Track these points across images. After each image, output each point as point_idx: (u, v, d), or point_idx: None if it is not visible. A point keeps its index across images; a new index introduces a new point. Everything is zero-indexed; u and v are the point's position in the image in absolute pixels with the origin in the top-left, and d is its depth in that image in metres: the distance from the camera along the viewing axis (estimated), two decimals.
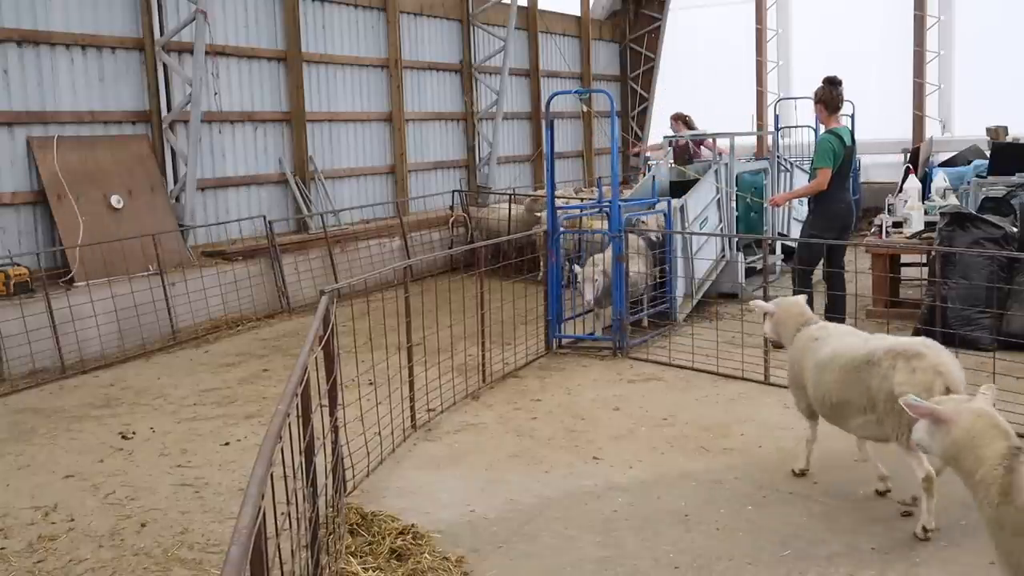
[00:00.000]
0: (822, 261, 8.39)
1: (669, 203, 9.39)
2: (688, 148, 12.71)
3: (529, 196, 13.57)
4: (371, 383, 6.50)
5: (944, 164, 14.88)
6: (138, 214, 10.10)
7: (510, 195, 14.78)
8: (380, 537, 4.53)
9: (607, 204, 8.75)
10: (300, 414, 3.68)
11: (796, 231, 12.57)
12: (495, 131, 16.22)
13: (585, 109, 10.98)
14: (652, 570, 4.26)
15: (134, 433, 6.62)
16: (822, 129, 8.54)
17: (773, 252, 11.19)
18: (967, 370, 6.65)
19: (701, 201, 10.25)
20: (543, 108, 17.34)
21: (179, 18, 10.80)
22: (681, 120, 13.21)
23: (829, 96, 8.18)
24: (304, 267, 11.36)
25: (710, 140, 12.37)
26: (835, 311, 8.18)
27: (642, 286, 8.85)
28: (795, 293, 8.30)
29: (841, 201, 8.20)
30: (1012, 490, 2.96)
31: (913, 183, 10.25)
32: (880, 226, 9.62)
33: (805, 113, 16.62)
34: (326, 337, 4.59)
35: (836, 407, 4.83)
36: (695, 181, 10.51)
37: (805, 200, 12.92)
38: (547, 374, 7.76)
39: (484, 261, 7.61)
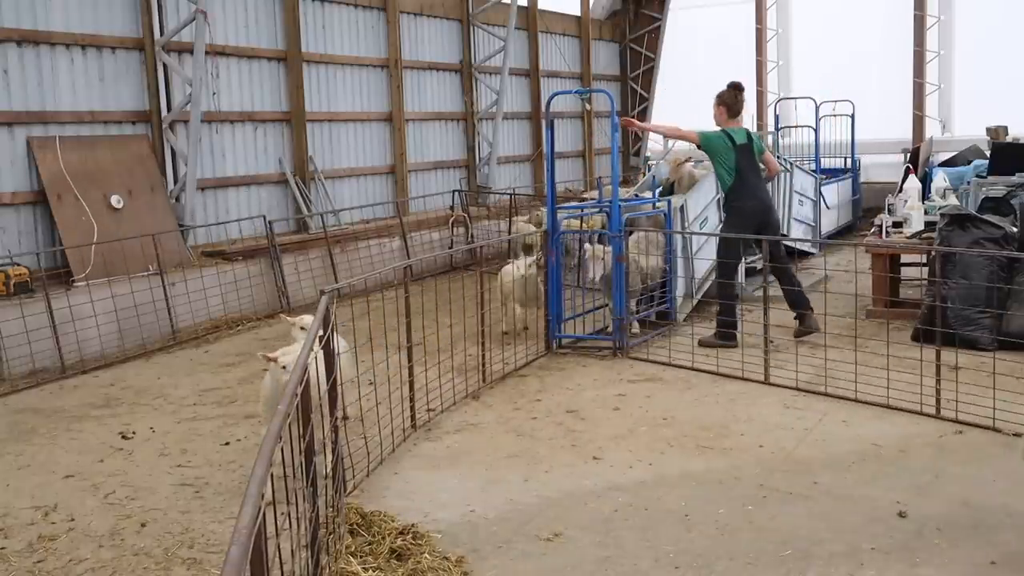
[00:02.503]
0: (743, 259, 8.68)
1: (669, 203, 9.39)
2: None
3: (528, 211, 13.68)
4: (371, 383, 6.51)
5: (944, 164, 14.90)
6: (138, 214, 10.10)
7: (511, 195, 14.81)
8: (380, 537, 4.52)
9: (607, 204, 8.75)
10: (300, 414, 3.68)
11: (796, 231, 12.61)
12: (495, 131, 16.22)
13: (588, 108, 11.03)
14: (652, 570, 4.26)
15: (134, 433, 6.62)
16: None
17: None
18: (967, 369, 6.71)
19: (701, 201, 10.24)
20: (543, 108, 17.36)
21: (179, 18, 10.81)
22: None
23: (732, 100, 8.41)
24: (304, 267, 11.36)
25: None
26: (799, 306, 8.26)
27: (659, 279, 9.04)
28: (721, 288, 8.36)
29: (752, 198, 8.30)
30: None
31: (913, 183, 10.26)
32: (880, 226, 9.62)
33: (805, 113, 16.65)
34: (326, 337, 4.59)
35: None
36: None
37: (804, 200, 13.00)
38: (547, 374, 7.76)
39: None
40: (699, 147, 8.44)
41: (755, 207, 8.32)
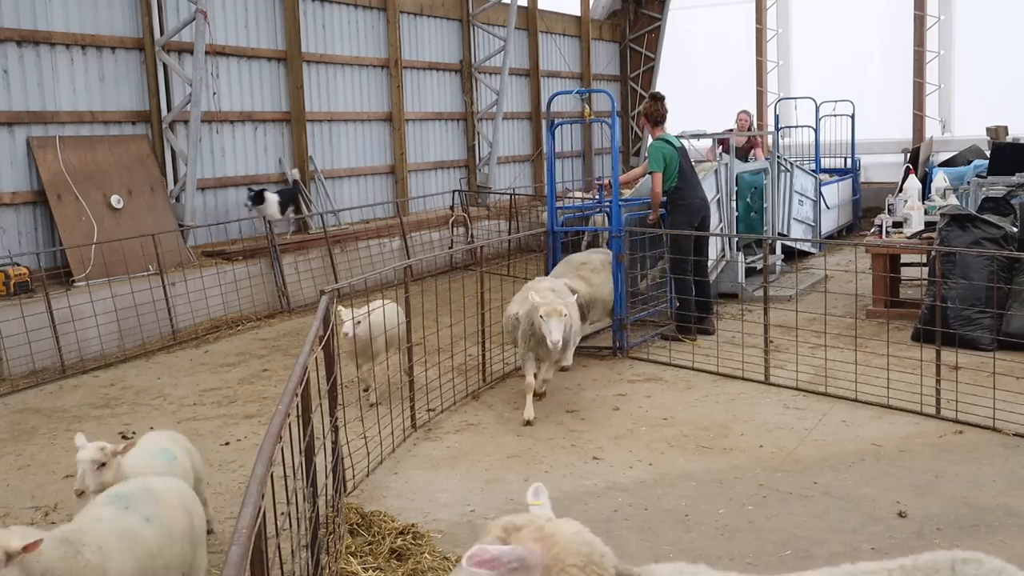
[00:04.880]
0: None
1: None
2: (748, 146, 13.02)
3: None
4: (371, 383, 6.51)
5: (944, 164, 14.90)
6: (138, 214, 10.10)
7: (511, 195, 14.80)
8: (380, 537, 4.53)
9: (607, 204, 8.75)
10: (300, 414, 3.68)
11: (797, 231, 12.60)
12: (495, 131, 16.22)
13: (588, 110, 11.03)
14: None
15: (134, 433, 6.61)
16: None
17: (773, 252, 11.19)
18: (967, 369, 6.70)
19: None
20: (543, 108, 17.34)
21: (179, 18, 10.81)
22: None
23: (653, 110, 8.69)
24: (304, 267, 11.36)
25: (758, 139, 12.74)
26: (702, 294, 8.64)
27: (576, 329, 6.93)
28: (677, 284, 8.58)
29: (695, 197, 8.67)
30: None
31: (913, 183, 10.26)
32: (880, 226, 9.62)
33: (805, 113, 16.64)
34: (326, 337, 4.59)
35: None
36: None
37: (804, 200, 12.99)
38: None
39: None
40: (664, 172, 8.49)
41: (698, 205, 8.69)
